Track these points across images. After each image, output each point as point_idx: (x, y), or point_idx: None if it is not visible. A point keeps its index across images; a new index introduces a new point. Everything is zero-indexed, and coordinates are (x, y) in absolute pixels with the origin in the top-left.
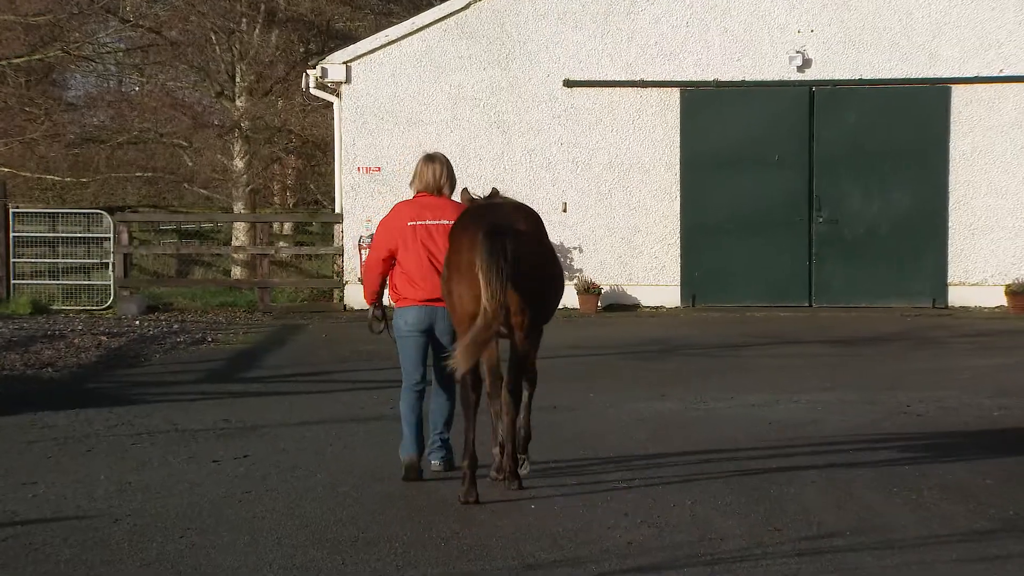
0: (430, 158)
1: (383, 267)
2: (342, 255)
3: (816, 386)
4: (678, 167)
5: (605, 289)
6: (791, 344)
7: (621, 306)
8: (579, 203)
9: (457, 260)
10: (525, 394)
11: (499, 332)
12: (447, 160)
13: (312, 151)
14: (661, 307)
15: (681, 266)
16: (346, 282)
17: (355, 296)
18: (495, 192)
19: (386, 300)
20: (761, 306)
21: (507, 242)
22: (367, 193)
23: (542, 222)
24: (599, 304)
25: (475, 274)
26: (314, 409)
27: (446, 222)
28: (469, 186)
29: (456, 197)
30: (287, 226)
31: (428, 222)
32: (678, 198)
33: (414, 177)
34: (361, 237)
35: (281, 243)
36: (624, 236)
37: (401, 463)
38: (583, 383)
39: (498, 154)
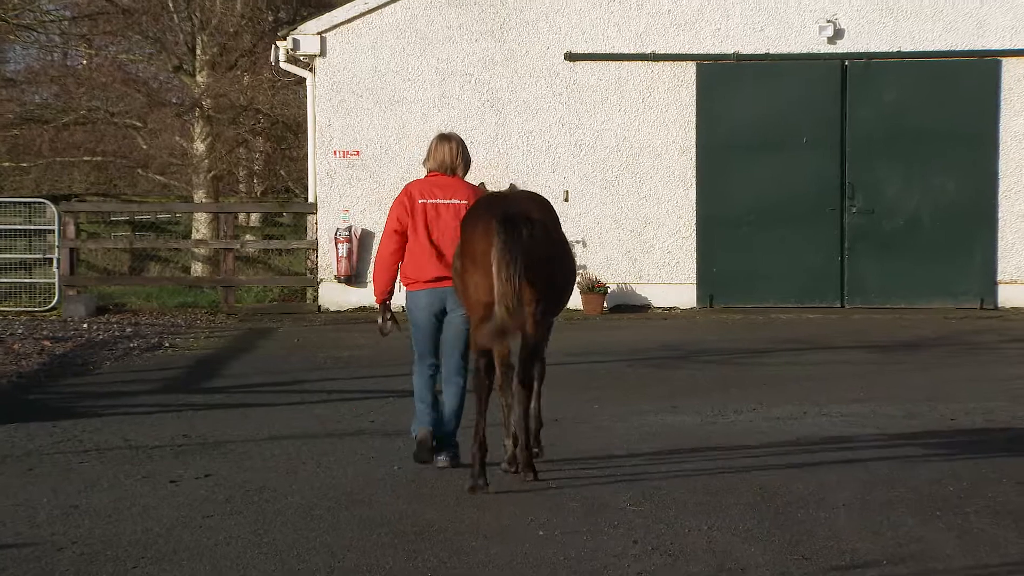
0: (445, 137)
1: (396, 245)
2: (316, 250)
3: (849, 397)
4: (694, 151)
5: (612, 288)
6: (821, 350)
7: (629, 307)
8: (582, 191)
9: (471, 249)
10: (535, 384)
11: (521, 322)
12: (462, 140)
13: (282, 133)
14: (674, 308)
15: (697, 262)
16: (320, 280)
17: (331, 296)
18: (512, 188)
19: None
20: (787, 307)
21: (521, 231)
22: (344, 180)
23: (555, 212)
24: (605, 305)
25: (489, 264)
26: (285, 423)
27: (456, 202)
28: (466, 178)
29: (476, 178)
30: (254, 217)
31: (438, 201)
32: (694, 186)
33: (428, 156)
34: (338, 230)
35: (248, 236)
36: (633, 228)
37: (414, 439)
38: (587, 393)
39: (491, 136)
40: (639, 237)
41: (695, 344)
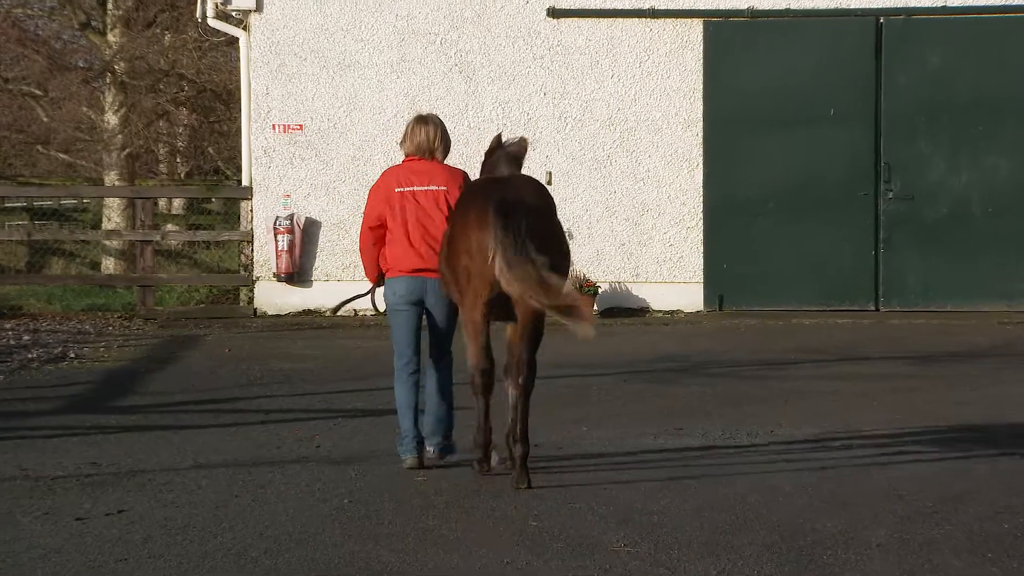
0: (422, 119)
1: (374, 237)
2: (252, 242)
3: (884, 418)
4: (700, 125)
5: (603, 288)
6: (851, 361)
7: (624, 310)
8: (568, 173)
9: (465, 238)
10: (523, 381)
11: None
12: (441, 122)
13: (211, 103)
14: (677, 312)
15: (705, 257)
16: (257, 278)
17: (269, 297)
18: (523, 140)
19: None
20: (811, 310)
21: (522, 220)
22: (285, 159)
23: (553, 200)
24: (595, 307)
25: (484, 254)
26: (214, 448)
27: (435, 188)
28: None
29: (448, 161)
30: (177, 203)
31: (416, 188)
32: (700, 166)
33: (404, 139)
34: (278, 218)
35: (169, 226)
36: (629, 217)
37: (402, 464)
38: (573, 413)
39: (461, 107)
40: (635, 227)
41: (702, 355)
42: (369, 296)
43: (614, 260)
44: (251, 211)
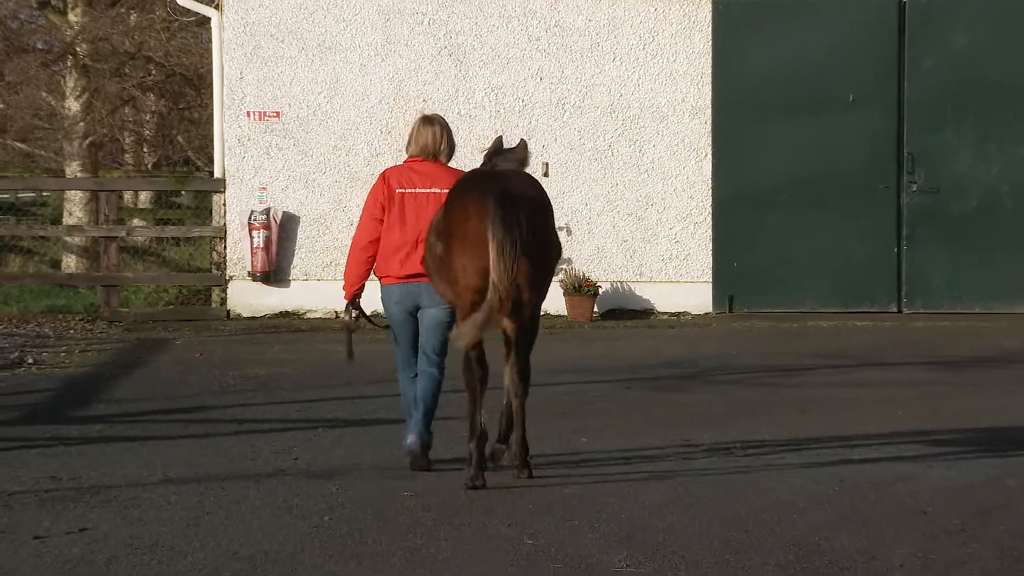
0: (428, 120)
1: (375, 234)
2: (225, 239)
3: (908, 428)
4: (709, 112)
5: (604, 288)
6: (872, 367)
7: (627, 312)
8: (567, 163)
9: (462, 230)
10: (518, 386)
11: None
12: (446, 123)
13: (180, 88)
14: (684, 313)
15: (714, 255)
16: (230, 278)
17: (243, 297)
18: (523, 144)
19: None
20: (828, 312)
21: (521, 214)
22: (260, 149)
23: (547, 194)
24: (595, 309)
25: (483, 245)
26: (184, 461)
27: (438, 191)
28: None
29: (453, 163)
30: (144, 197)
31: (418, 190)
32: (709, 156)
33: (409, 141)
34: (252, 213)
35: (136, 221)
36: (631, 211)
37: (405, 451)
38: (572, 422)
39: (450, 93)
40: (639, 223)
41: (710, 360)
42: (345, 312)
43: (616, 258)
44: (224, 205)
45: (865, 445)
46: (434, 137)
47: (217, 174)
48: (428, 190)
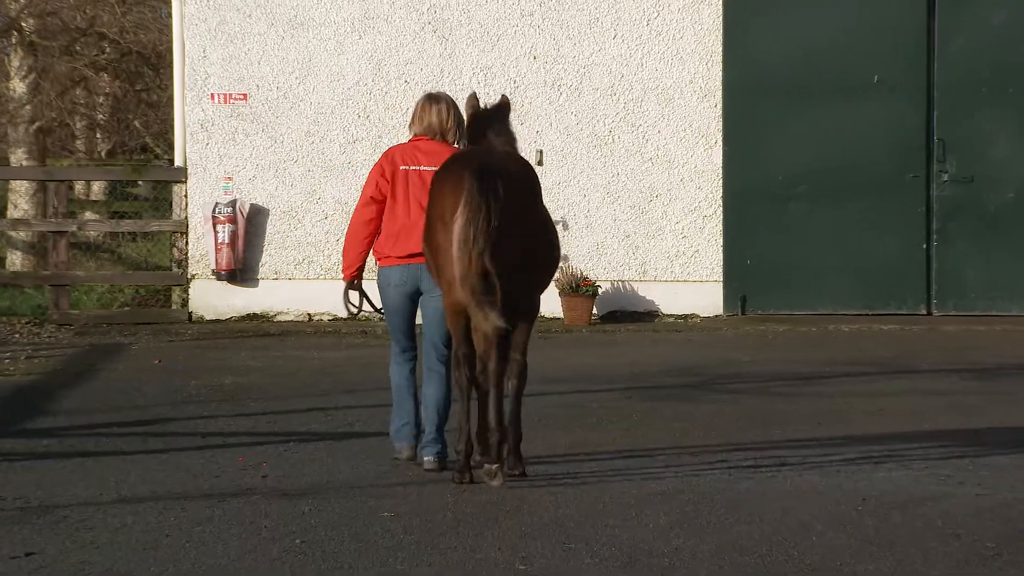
0: (433, 98)
1: (373, 213)
2: (186, 234)
3: (938, 442)
4: (719, 95)
5: (604, 288)
6: (899, 375)
7: (629, 314)
8: (563, 151)
9: (440, 208)
10: (512, 384)
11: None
12: (453, 101)
13: (137, 68)
14: (692, 316)
15: (724, 251)
16: (193, 276)
17: (207, 298)
18: (504, 102)
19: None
20: (851, 314)
21: (498, 184)
22: (226, 135)
23: (537, 177)
24: (594, 311)
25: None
26: (141, 479)
27: None
28: (386, 130)
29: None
30: (97, 187)
31: (423, 168)
32: (719, 144)
33: (413, 120)
34: (217, 205)
35: (88, 214)
36: (634, 204)
37: (396, 455)
38: (568, 436)
39: (435, 73)
40: (642, 216)
41: (721, 367)
42: (344, 296)
43: (617, 255)
44: (185, 197)
45: (890, 461)
46: (440, 115)
47: (178, 163)
48: (433, 167)
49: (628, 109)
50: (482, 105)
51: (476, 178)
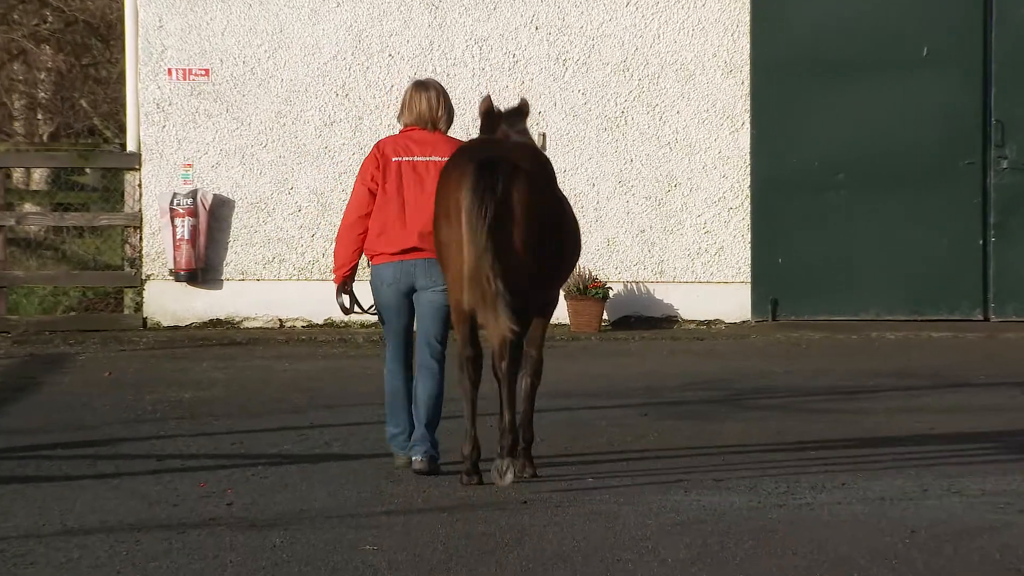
0: (422, 85)
1: (367, 208)
2: (141, 229)
3: (996, 466)
4: (747, 70)
5: (616, 290)
6: (950, 389)
7: (643, 319)
8: (569, 134)
9: (445, 204)
10: (526, 382)
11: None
12: (443, 88)
13: (84, 39)
14: (716, 322)
15: (753, 248)
16: (148, 277)
17: (164, 301)
18: (524, 105)
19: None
20: (896, 320)
21: (498, 176)
22: (185, 115)
23: (551, 165)
24: (604, 316)
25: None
26: (89, 507)
27: (437, 159)
28: (367, 110)
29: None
30: (39, 175)
31: (416, 158)
32: (747, 126)
33: (402, 109)
34: (175, 196)
35: (28, 206)
36: (650, 195)
37: (394, 463)
38: (575, 460)
39: (423, 46)
40: (659, 208)
41: (749, 380)
42: (336, 296)
43: (630, 252)
44: (139, 186)
45: (941, 487)
46: (430, 104)
47: (130, 147)
48: (427, 158)
49: (643, 87)
50: (495, 107)
51: (478, 173)
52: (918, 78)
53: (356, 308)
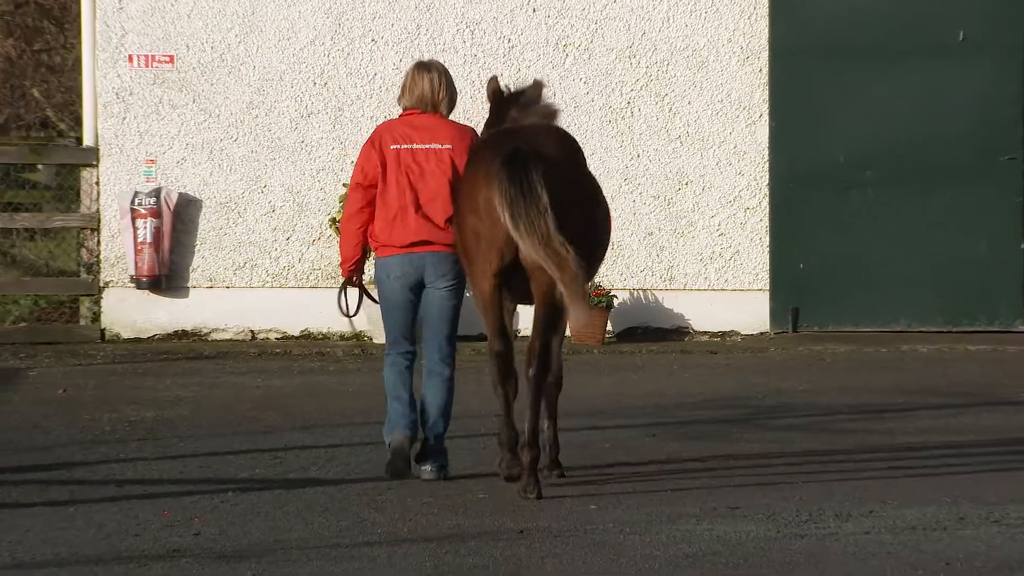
0: (424, 66)
1: (362, 202)
2: (99, 231)
3: None
4: (765, 57)
5: (621, 298)
6: (990, 407)
7: (653, 331)
8: (569, 126)
9: (473, 200)
10: (553, 387)
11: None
12: (446, 70)
13: (36, 22)
14: (731, 333)
15: (771, 252)
16: (106, 284)
17: (124, 311)
18: (538, 84)
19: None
20: (928, 331)
21: (531, 168)
22: (148, 106)
23: (580, 149)
24: (609, 328)
25: (493, 213)
26: (40, 537)
27: (438, 146)
28: (348, 100)
29: (454, 116)
30: None
31: (416, 146)
32: (765, 118)
33: (403, 92)
34: (137, 195)
35: None
36: (659, 193)
37: (388, 447)
38: (579, 483)
39: (410, 30)
40: (669, 209)
41: (768, 397)
42: (338, 297)
43: (637, 257)
44: (97, 184)
45: (979, 514)
46: (431, 85)
47: (87, 141)
48: (428, 146)
49: (651, 75)
50: (503, 87)
51: (509, 167)
52: (953, 65)
53: (367, 300)
